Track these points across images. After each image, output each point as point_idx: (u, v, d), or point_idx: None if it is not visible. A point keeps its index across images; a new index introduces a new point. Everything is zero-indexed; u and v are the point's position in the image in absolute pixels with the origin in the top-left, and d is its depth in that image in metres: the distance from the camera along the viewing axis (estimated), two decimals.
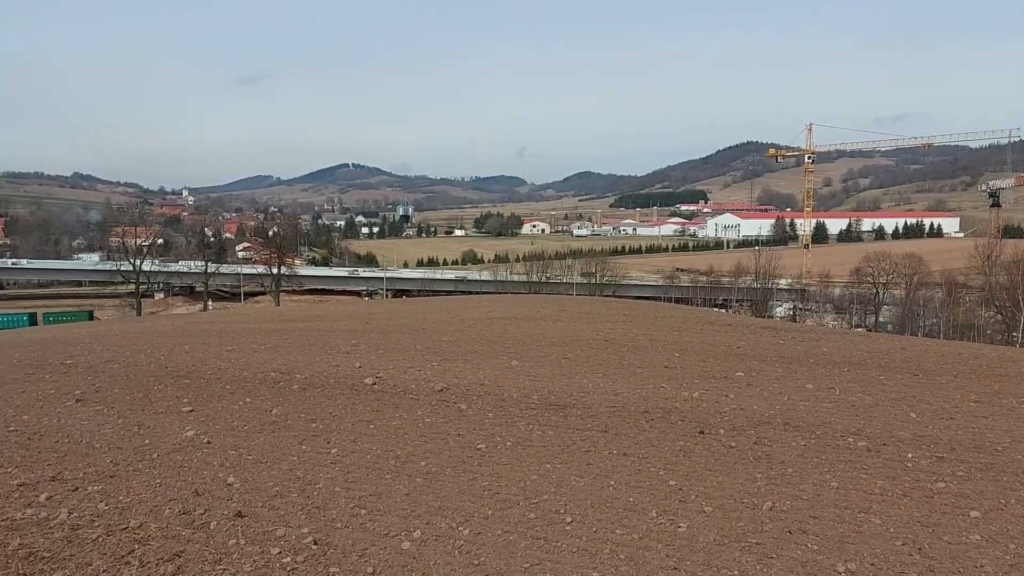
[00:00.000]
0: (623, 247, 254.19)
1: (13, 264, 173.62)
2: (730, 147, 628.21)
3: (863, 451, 12.12)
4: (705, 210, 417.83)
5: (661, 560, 8.21)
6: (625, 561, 8.17)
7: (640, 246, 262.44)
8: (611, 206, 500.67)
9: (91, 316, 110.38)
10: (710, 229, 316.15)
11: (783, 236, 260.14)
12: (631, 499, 10.06)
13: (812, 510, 9.64)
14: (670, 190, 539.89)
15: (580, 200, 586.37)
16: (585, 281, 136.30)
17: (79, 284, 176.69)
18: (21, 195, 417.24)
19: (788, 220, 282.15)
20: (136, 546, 8.13)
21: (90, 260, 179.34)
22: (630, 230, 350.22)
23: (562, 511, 9.54)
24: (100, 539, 8.30)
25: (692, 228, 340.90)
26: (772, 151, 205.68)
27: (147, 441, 12.35)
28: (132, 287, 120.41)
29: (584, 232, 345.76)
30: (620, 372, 18.82)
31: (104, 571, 7.53)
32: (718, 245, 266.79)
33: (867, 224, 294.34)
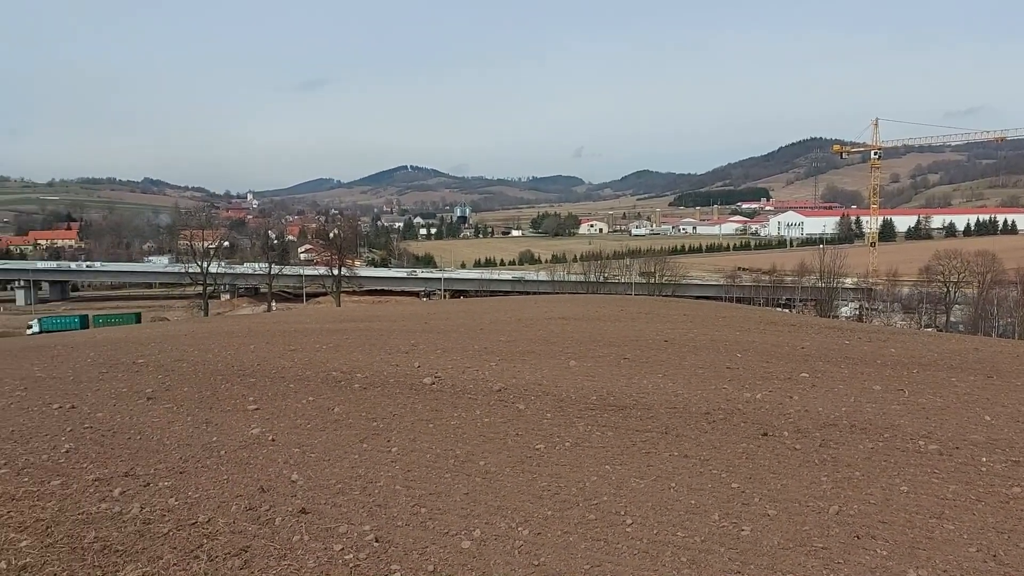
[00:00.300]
0: (683, 246, 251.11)
1: (88, 267, 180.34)
2: (793, 143, 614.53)
3: (934, 455, 11.71)
4: (767, 208, 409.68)
5: (724, 564, 8.07)
6: (687, 564, 8.06)
7: (700, 245, 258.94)
8: (670, 205, 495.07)
9: (138, 318, 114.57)
10: (772, 227, 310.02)
11: (848, 234, 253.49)
12: (692, 501, 9.92)
13: (881, 515, 9.35)
14: (731, 188, 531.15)
15: (638, 199, 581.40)
16: (644, 281, 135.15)
17: (149, 286, 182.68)
18: (95, 200, 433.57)
19: (853, 218, 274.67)
20: (205, 541, 8.36)
21: (160, 263, 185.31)
22: (690, 229, 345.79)
23: (622, 513, 9.46)
24: (170, 533, 8.55)
25: (754, 226, 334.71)
26: (837, 147, 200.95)
27: (215, 438, 12.67)
28: (200, 288, 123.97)
29: (643, 231, 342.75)
30: (680, 373, 18.58)
31: (174, 565, 7.75)
32: (781, 244, 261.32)
33: (937, 221, 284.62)
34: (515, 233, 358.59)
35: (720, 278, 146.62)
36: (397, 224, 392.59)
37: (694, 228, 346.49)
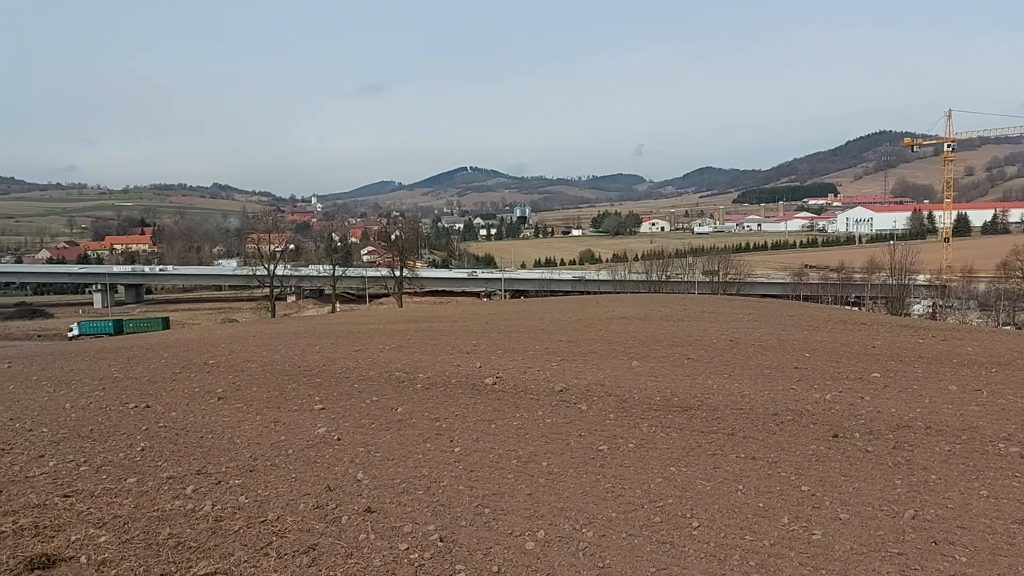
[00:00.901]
0: (747, 244, 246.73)
1: (161, 270, 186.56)
2: (861, 137, 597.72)
3: (1015, 457, 11.20)
4: (835, 204, 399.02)
5: (795, 568, 7.86)
6: (756, 568, 7.87)
7: (765, 242, 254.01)
8: (734, 202, 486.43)
9: (166, 323, 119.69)
10: (840, 223, 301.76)
11: (920, 229, 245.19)
12: (761, 504, 9.69)
13: (959, 520, 8.98)
14: (797, 184, 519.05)
15: (701, 196, 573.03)
16: (707, 280, 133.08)
17: (219, 288, 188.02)
18: (167, 205, 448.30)
19: (926, 212, 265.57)
20: (274, 538, 8.52)
21: (228, 266, 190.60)
22: (754, 226, 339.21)
23: (688, 515, 9.30)
24: (241, 531, 8.75)
25: (821, 223, 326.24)
26: (907, 140, 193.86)
27: (283, 437, 12.93)
28: (267, 290, 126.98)
29: (706, 229, 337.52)
30: (746, 373, 18.22)
31: (245, 561, 7.91)
32: (849, 240, 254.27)
33: (1015, 215, 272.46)
34: (575, 233, 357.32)
35: (786, 276, 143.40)
36: (457, 225, 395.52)
37: (759, 225, 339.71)
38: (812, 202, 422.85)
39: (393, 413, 14.68)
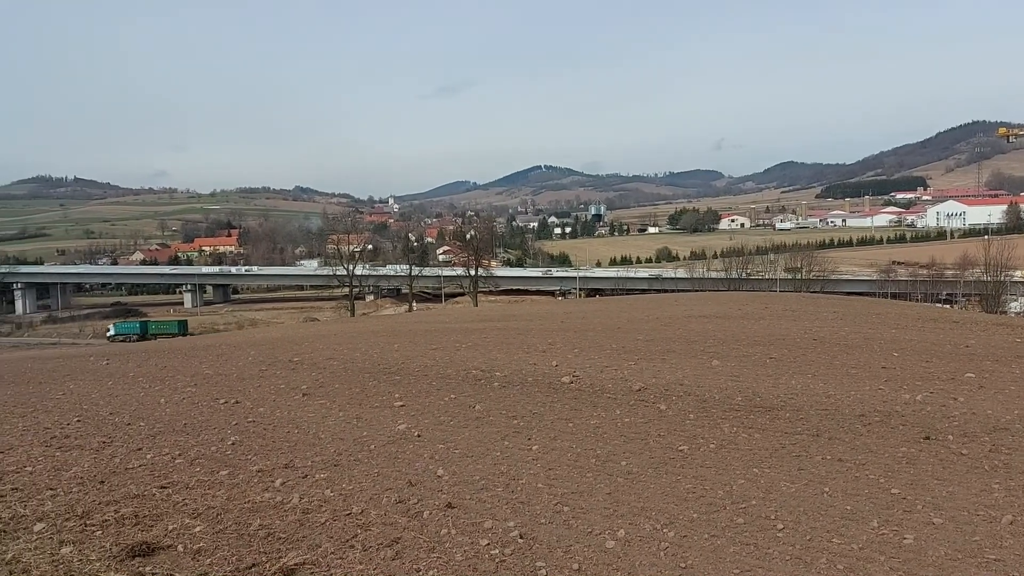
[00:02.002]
0: (831, 240, 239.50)
1: (246, 271, 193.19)
2: (952, 128, 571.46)
3: None
4: (924, 198, 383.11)
5: (885, 573, 7.61)
6: (844, 572, 7.65)
7: (850, 238, 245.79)
8: (817, 197, 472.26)
9: (184, 326, 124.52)
10: (930, 218, 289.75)
11: (1017, 223, 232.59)
12: (848, 507, 9.41)
13: None
14: (883, 178, 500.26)
15: (783, 192, 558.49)
16: (789, 277, 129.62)
17: (301, 288, 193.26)
18: (252, 208, 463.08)
19: (1023, 205, 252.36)
20: (359, 531, 8.73)
21: (310, 266, 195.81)
22: (839, 222, 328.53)
23: (772, 517, 9.10)
24: (328, 523, 8.99)
25: (909, 218, 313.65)
26: (1003, 130, 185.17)
27: (365, 433, 13.22)
28: (346, 290, 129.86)
29: (788, 225, 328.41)
30: (831, 373, 17.70)
31: (332, 553, 8.14)
32: (940, 235, 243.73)
33: None
34: (651, 230, 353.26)
35: (873, 273, 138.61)
36: (532, 224, 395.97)
37: (844, 221, 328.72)
38: (900, 196, 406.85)
39: (471, 411, 14.83)
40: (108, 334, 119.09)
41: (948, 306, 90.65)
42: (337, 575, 7.64)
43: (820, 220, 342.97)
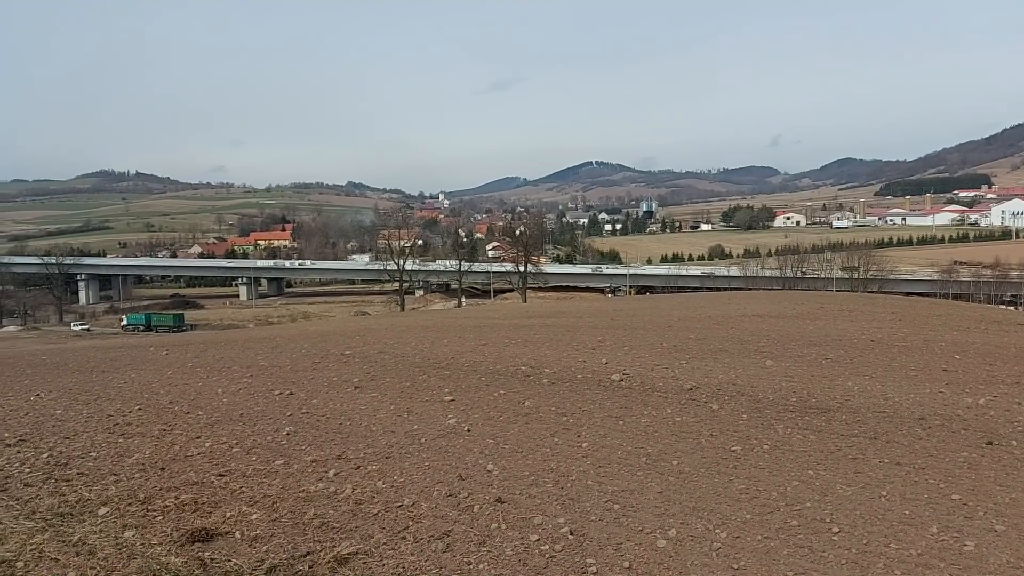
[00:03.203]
0: (890, 239, 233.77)
1: (299, 265, 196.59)
2: (1019, 124, 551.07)
3: None
4: (988, 196, 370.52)
5: None
6: None
7: (910, 237, 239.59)
8: (876, 195, 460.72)
9: (177, 319, 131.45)
10: (995, 217, 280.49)
11: None
12: (907, 512, 9.19)
13: None
14: (946, 175, 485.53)
15: (840, 189, 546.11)
16: (846, 276, 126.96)
17: (352, 282, 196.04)
18: (306, 203, 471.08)
19: None
20: (410, 523, 8.82)
21: (361, 261, 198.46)
22: (898, 220, 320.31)
23: (828, 520, 8.93)
24: (380, 514, 9.11)
25: (972, 216, 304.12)
26: None
27: (415, 427, 13.34)
28: (396, 285, 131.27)
29: (845, 223, 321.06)
30: (890, 375, 17.28)
31: (384, 544, 8.24)
32: (1005, 235, 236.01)
33: None
34: (704, 227, 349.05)
35: (934, 273, 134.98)
36: (582, 220, 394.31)
37: (903, 219, 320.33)
38: (963, 194, 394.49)
39: (520, 406, 14.85)
40: (122, 324, 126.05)
41: (1013, 308, 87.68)
42: (389, 566, 7.74)
43: (879, 218, 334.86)
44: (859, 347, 21.17)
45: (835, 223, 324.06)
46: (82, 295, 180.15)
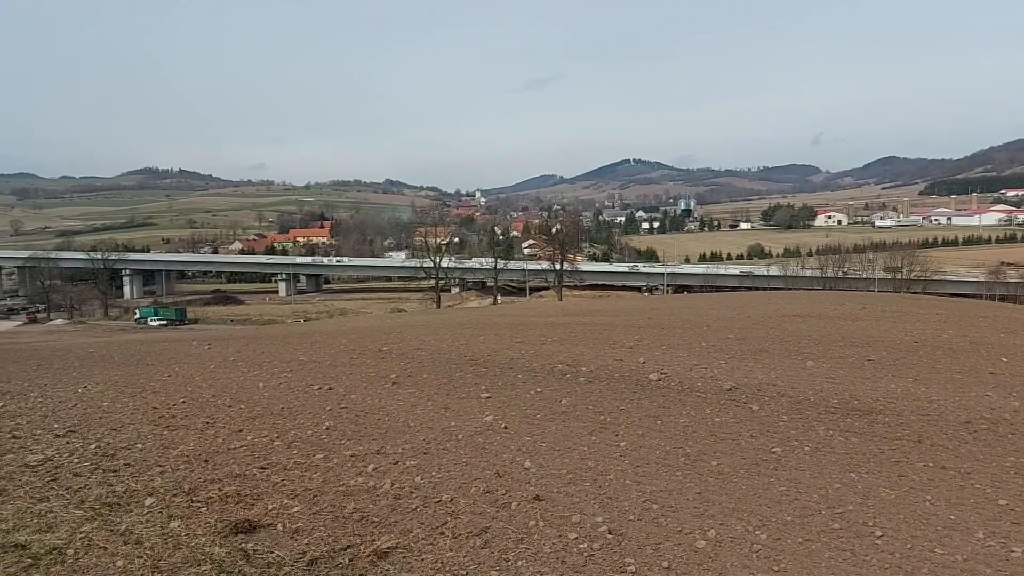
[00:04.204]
0: (935, 239, 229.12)
1: (337, 261, 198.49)
2: None
3: None
4: None
5: None
6: None
7: (956, 237, 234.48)
8: (920, 194, 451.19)
9: (179, 313, 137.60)
10: None
11: None
12: (952, 517, 9.01)
13: None
14: (993, 174, 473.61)
15: (883, 188, 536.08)
16: (889, 276, 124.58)
17: (389, 279, 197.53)
18: (344, 200, 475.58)
19: None
20: (448, 519, 8.88)
21: (398, 258, 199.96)
22: (943, 220, 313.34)
23: (870, 524, 8.80)
24: (418, 509, 9.18)
25: (1021, 216, 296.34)
26: None
27: (453, 423, 13.41)
28: (432, 282, 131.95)
29: (888, 223, 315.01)
30: (934, 377, 16.94)
31: (423, 539, 8.31)
32: None
33: None
34: (743, 226, 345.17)
35: (980, 274, 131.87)
36: (619, 218, 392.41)
37: (949, 219, 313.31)
38: (1011, 194, 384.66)
39: (557, 404, 14.84)
40: (135, 317, 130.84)
41: None
42: (428, 560, 7.80)
43: (923, 218, 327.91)
44: (902, 348, 20.78)
45: (878, 222, 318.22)
46: (127, 290, 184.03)
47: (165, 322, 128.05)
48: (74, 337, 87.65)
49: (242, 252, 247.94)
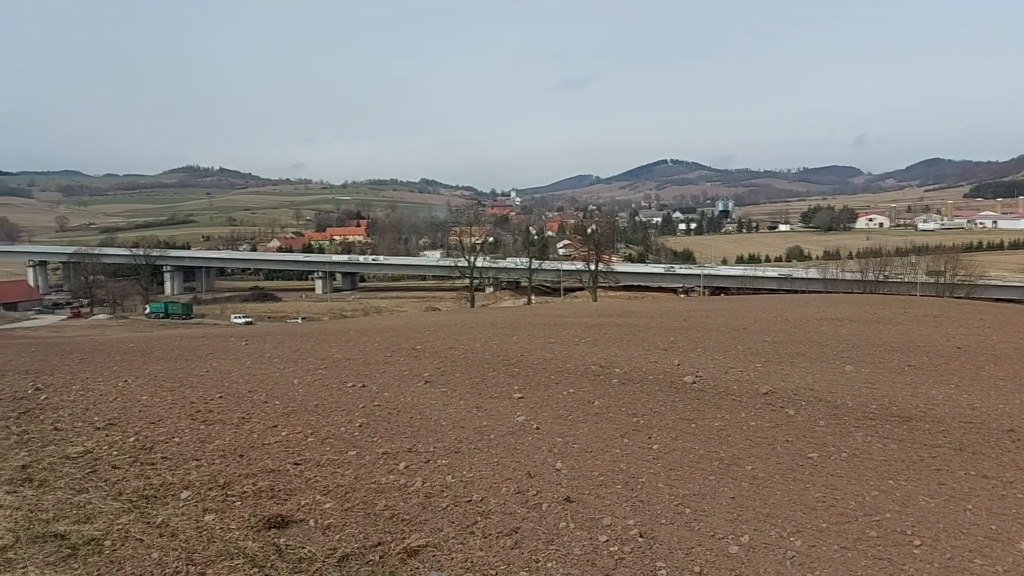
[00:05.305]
0: (980, 242, 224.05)
1: (372, 260, 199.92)
2: None
3: None
4: None
5: None
6: None
7: (1001, 241, 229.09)
8: (965, 196, 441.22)
9: (186, 308, 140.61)
10: None
11: None
12: (993, 527, 8.79)
13: None
14: None
15: (926, 190, 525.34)
16: (932, 280, 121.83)
17: (423, 278, 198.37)
18: (380, 199, 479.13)
19: None
20: (479, 518, 8.87)
21: (433, 257, 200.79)
22: (989, 223, 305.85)
23: (908, 532, 8.61)
24: (449, 508, 9.19)
25: None
26: None
27: (484, 423, 13.41)
28: (467, 281, 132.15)
29: (931, 226, 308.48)
30: (977, 384, 16.54)
31: (453, 538, 8.31)
32: None
33: None
34: (782, 228, 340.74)
35: None
36: (655, 219, 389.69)
37: (994, 222, 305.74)
38: None
39: (590, 406, 14.77)
40: (146, 312, 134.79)
41: None
42: (458, 560, 7.80)
43: (968, 221, 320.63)
44: (944, 354, 20.34)
45: (920, 225, 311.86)
46: (167, 286, 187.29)
47: (171, 315, 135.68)
48: (116, 332, 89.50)
49: (280, 250, 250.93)
